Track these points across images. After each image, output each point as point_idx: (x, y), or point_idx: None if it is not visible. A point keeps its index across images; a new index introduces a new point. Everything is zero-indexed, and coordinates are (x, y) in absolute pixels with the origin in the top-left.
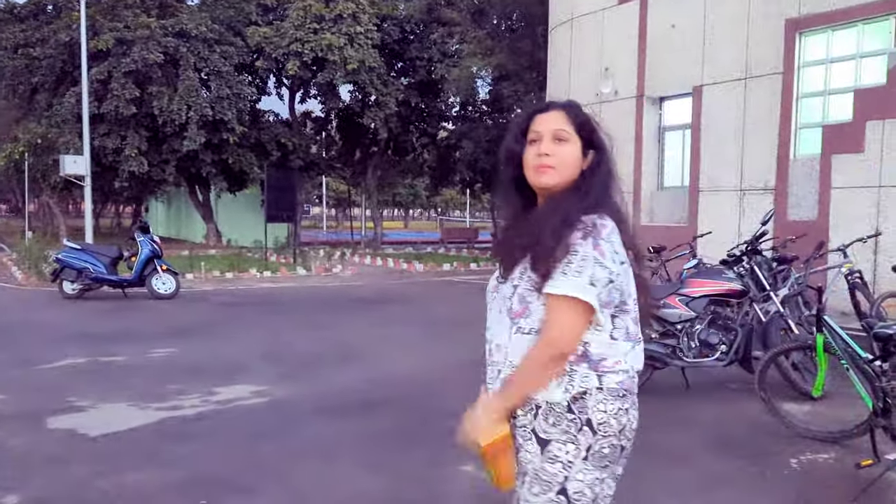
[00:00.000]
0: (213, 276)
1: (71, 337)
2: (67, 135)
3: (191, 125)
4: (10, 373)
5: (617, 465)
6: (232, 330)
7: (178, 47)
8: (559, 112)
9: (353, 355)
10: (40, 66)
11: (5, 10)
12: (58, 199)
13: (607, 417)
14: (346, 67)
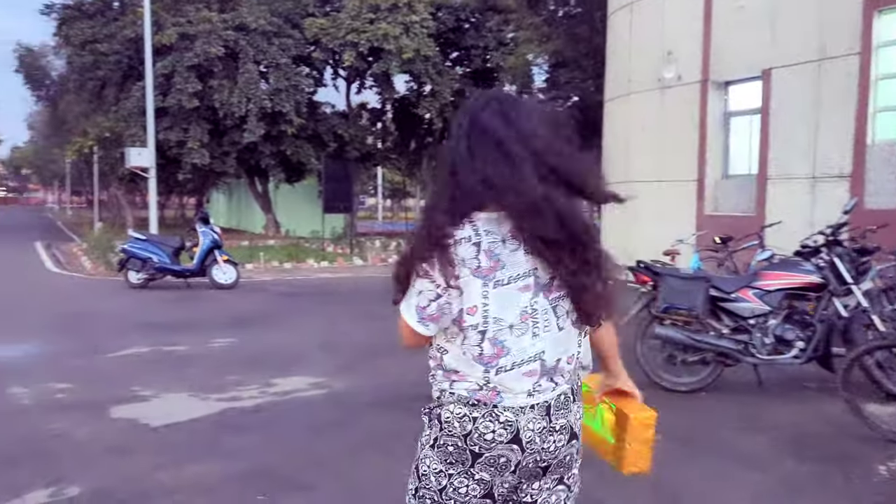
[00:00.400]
0: (272, 266)
1: (136, 326)
2: (133, 128)
3: (250, 117)
4: (76, 361)
5: (474, 469)
6: (290, 320)
7: (238, 40)
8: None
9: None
10: (107, 62)
11: (74, 7)
12: (125, 191)
13: (452, 419)
14: (402, 57)
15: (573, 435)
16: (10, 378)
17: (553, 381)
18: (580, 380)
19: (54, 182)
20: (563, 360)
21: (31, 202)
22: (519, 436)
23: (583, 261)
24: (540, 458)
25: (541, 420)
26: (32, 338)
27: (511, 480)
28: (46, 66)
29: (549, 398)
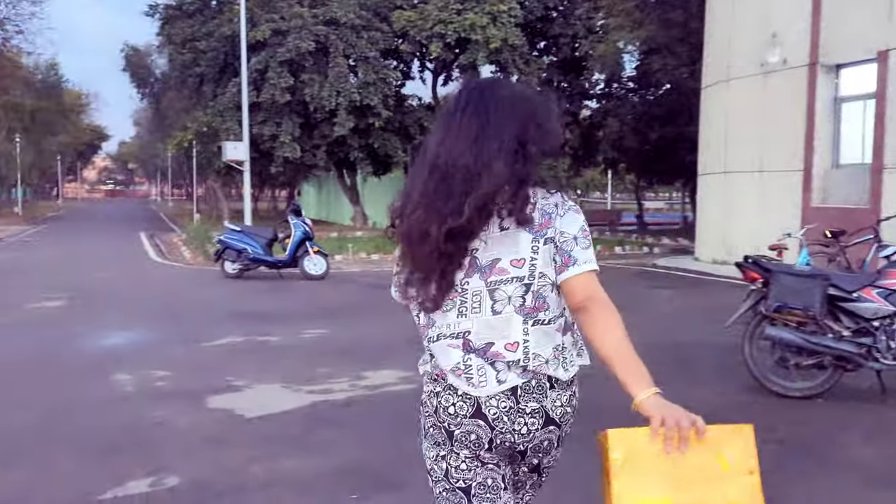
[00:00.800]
0: (360, 257)
1: (231, 316)
2: (229, 122)
3: (340, 111)
4: (176, 350)
5: (455, 448)
6: (378, 312)
7: (329, 35)
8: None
9: None
10: (205, 59)
11: (175, 7)
12: (221, 184)
13: (425, 398)
14: (489, 47)
15: (550, 420)
16: (116, 365)
17: (493, 365)
18: (569, 366)
19: (157, 175)
20: (500, 346)
21: (137, 195)
22: (482, 410)
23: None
24: (514, 440)
25: (506, 400)
26: (136, 326)
27: (490, 458)
28: (150, 64)
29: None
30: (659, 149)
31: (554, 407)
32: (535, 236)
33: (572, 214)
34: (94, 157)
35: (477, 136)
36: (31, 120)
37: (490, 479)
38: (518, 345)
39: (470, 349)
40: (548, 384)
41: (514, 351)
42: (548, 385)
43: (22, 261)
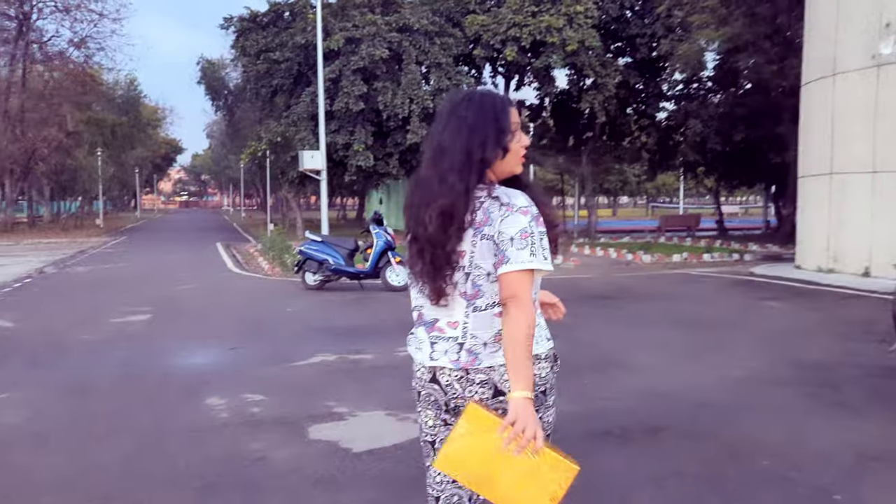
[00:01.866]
0: None
1: (318, 331)
2: (303, 132)
3: (413, 118)
4: (267, 370)
5: (425, 407)
6: None
7: (402, 42)
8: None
9: (609, 362)
10: (279, 69)
11: (249, 19)
12: (294, 194)
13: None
14: (565, 49)
15: (499, 392)
16: (207, 387)
17: (433, 343)
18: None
19: (229, 186)
20: (444, 322)
21: (210, 205)
22: (436, 377)
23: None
24: (464, 404)
25: (458, 370)
26: (223, 342)
27: (450, 419)
28: (224, 77)
29: (435, 356)
30: (742, 151)
31: (502, 381)
32: (475, 231)
33: (516, 216)
34: (169, 169)
35: (435, 154)
36: (112, 134)
37: (429, 415)
38: (458, 324)
39: (422, 322)
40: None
41: (455, 328)
42: (461, 363)
43: (105, 273)
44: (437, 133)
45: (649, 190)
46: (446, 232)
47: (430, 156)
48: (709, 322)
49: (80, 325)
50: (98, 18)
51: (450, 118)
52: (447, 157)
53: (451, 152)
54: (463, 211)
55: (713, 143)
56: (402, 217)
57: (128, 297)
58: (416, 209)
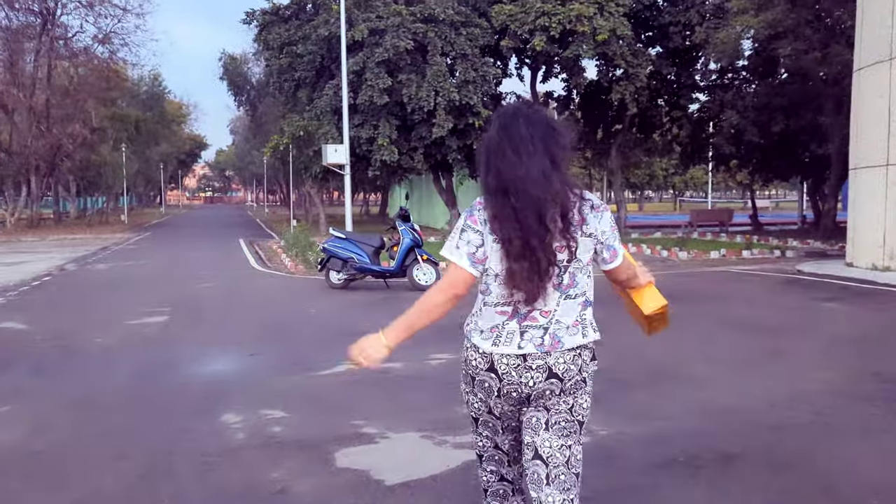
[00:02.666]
0: None
1: (343, 335)
2: (326, 126)
3: (438, 111)
4: (288, 380)
5: (478, 391)
6: None
7: (427, 32)
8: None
9: (663, 374)
10: (302, 63)
11: (272, 12)
12: (317, 189)
13: (463, 350)
14: (596, 38)
15: (553, 374)
16: (223, 400)
17: (522, 330)
18: (580, 335)
19: (252, 182)
20: (537, 312)
21: (234, 201)
22: (494, 366)
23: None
24: (520, 390)
25: (515, 359)
26: (242, 348)
27: (501, 404)
28: (246, 72)
29: (524, 346)
30: (779, 143)
31: (557, 363)
32: (576, 229)
33: (606, 214)
34: (193, 165)
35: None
36: (136, 130)
37: (493, 421)
38: (549, 312)
39: (516, 315)
40: (556, 347)
41: (546, 317)
42: (556, 348)
43: (125, 271)
44: (536, 142)
45: (677, 184)
46: (563, 232)
47: (539, 163)
48: (765, 326)
49: (94, 328)
50: (122, 14)
51: (548, 129)
52: (558, 166)
53: (560, 161)
54: (573, 213)
55: (750, 134)
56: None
57: (146, 296)
58: (523, 213)
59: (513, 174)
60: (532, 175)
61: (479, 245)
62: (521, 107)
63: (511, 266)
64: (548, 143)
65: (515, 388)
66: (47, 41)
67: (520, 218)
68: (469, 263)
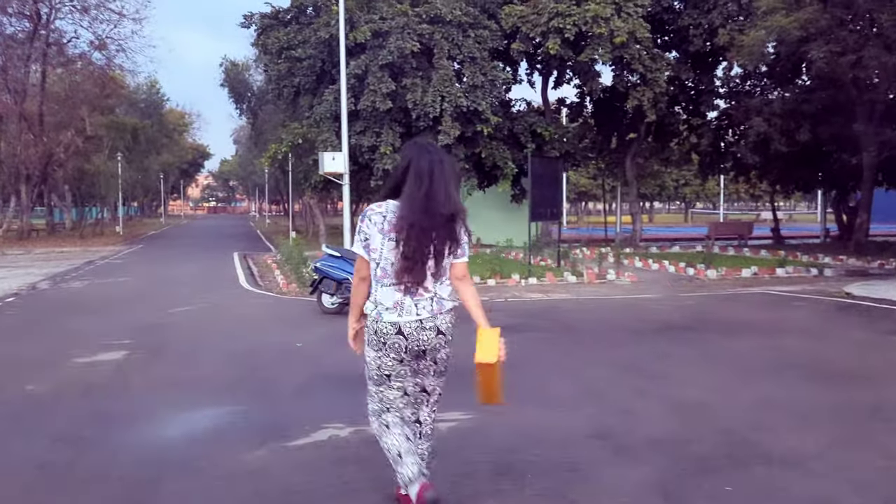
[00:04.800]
0: (474, 282)
1: (330, 380)
2: (325, 133)
3: (445, 117)
4: (254, 456)
5: (390, 352)
6: (529, 376)
7: (433, 34)
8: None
9: (749, 448)
10: (301, 68)
11: (271, 16)
12: (318, 200)
13: (370, 323)
14: (613, 41)
15: (439, 332)
16: (155, 490)
17: (416, 303)
18: (451, 302)
19: (255, 192)
20: (421, 290)
21: (237, 211)
22: (402, 330)
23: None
24: (418, 346)
25: (415, 323)
26: (202, 402)
27: (407, 357)
28: (248, 79)
29: (420, 313)
30: (804, 152)
31: (442, 324)
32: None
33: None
34: (197, 174)
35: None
36: (133, 139)
37: (402, 370)
38: (430, 289)
39: (407, 293)
40: (440, 313)
41: (428, 292)
42: (439, 311)
43: (100, 290)
44: (445, 165)
45: (688, 195)
46: (457, 235)
47: (444, 181)
48: (845, 371)
49: (33, 369)
50: (118, 19)
51: (449, 161)
52: (454, 182)
53: (457, 186)
54: (462, 223)
55: (777, 143)
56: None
57: (111, 323)
58: (441, 225)
59: (437, 200)
60: (446, 204)
61: (368, 240)
62: (430, 144)
63: (403, 261)
64: (450, 172)
65: (416, 344)
66: (40, 46)
67: (425, 225)
68: (365, 253)
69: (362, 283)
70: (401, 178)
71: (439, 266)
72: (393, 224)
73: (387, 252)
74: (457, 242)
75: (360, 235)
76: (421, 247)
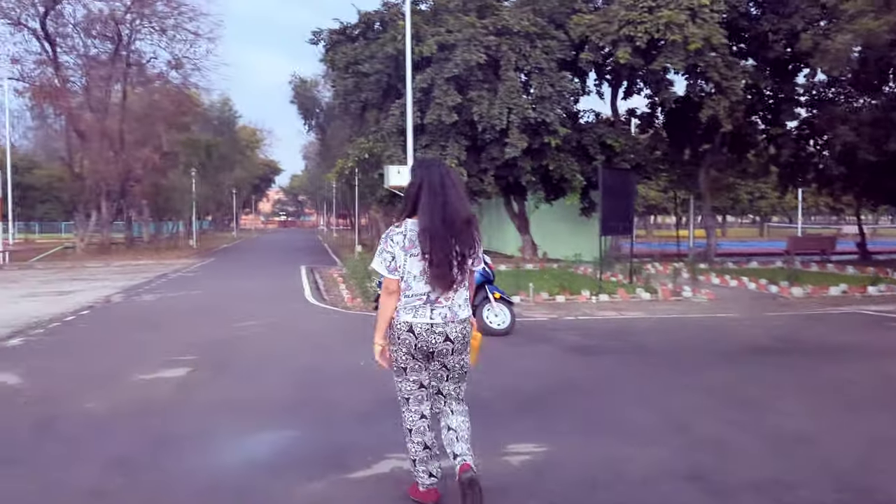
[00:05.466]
0: (541, 299)
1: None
2: (392, 148)
3: (512, 129)
4: (311, 489)
5: (401, 347)
6: (604, 398)
7: (500, 45)
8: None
9: (852, 485)
10: (368, 83)
11: (339, 31)
12: (383, 214)
13: (393, 324)
14: (688, 48)
15: (447, 338)
16: None
17: (433, 308)
18: (465, 312)
19: (323, 206)
20: (441, 298)
21: (306, 225)
22: (413, 329)
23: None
24: (427, 347)
25: (426, 326)
26: (262, 421)
27: (417, 355)
28: (316, 95)
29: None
30: (891, 162)
31: (451, 331)
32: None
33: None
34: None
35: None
36: (207, 155)
37: (416, 365)
38: (450, 298)
39: (427, 301)
40: (452, 321)
41: (448, 300)
42: (450, 319)
43: (170, 303)
44: (453, 176)
45: (763, 208)
46: (474, 238)
47: (455, 189)
48: None
49: (95, 385)
50: (194, 38)
51: (458, 178)
52: (462, 190)
53: (463, 188)
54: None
55: (865, 152)
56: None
57: (176, 338)
58: (459, 231)
59: (452, 209)
60: (462, 210)
61: (392, 259)
62: (434, 160)
63: (432, 269)
64: (458, 181)
65: (424, 345)
66: (121, 67)
67: (446, 233)
68: (387, 272)
69: (391, 298)
70: (416, 195)
71: (463, 271)
72: (412, 240)
73: (408, 266)
74: (475, 245)
75: (384, 255)
76: (446, 254)
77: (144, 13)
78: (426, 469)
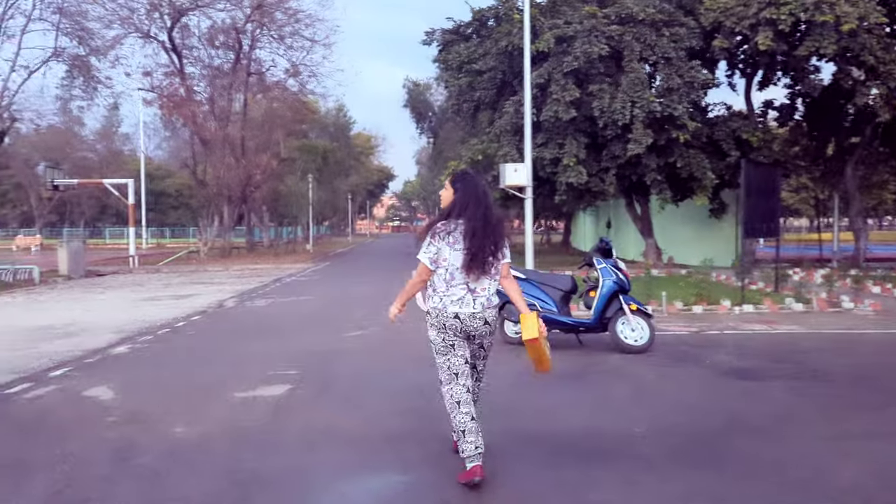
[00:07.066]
0: (676, 309)
1: (513, 436)
2: (506, 147)
3: (636, 125)
4: None
5: (447, 331)
6: (783, 441)
7: (623, 35)
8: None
9: None
10: (482, 81)
11: (452, 31)
12: None
13: (433, 311)
14: (840, 29)
15: (486, 322)
16: None
17: (475, 298)
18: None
19: (436, 211)
20: (479, 288)
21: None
22: (459, 316)
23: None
24: (469, 330)
25: (470, 313)
26: (367, 456)
27: (461, 336)
28: (428, 98)
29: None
30: None
31: (489, 316)
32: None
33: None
34: (382, 195)
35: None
36: (323, 161)
37: (459, 344)
38: (486, 289)
39: (469, 290)
40: (488, 305)
41: (484, 291)
42: (487, 305)
43: (279, 309)
44: (486, 186)
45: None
46: (503, 235)
47: (489, 198)
48: None
49: (189, 404)
50: (310, 45)
51: (487, 186)
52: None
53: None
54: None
55: None
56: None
57: (281, 348)
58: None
59: (489, 212)
60: (496, 213)
61: (437, 252)
62: (470, 173)
63: (472, 257)
64: (489, 190)
65: (468, 329)
66: (242, 76)
67: (485, 231)
68: (430, 263)
69: (421, 284)
70: (466, 203)
71: (495, 264)
72: (457, 238)
73: (452, 259)
74: (503, 241)
75: (430, 248)
76: (483, 246)
77: (264, 21)
78: (474, 440)
